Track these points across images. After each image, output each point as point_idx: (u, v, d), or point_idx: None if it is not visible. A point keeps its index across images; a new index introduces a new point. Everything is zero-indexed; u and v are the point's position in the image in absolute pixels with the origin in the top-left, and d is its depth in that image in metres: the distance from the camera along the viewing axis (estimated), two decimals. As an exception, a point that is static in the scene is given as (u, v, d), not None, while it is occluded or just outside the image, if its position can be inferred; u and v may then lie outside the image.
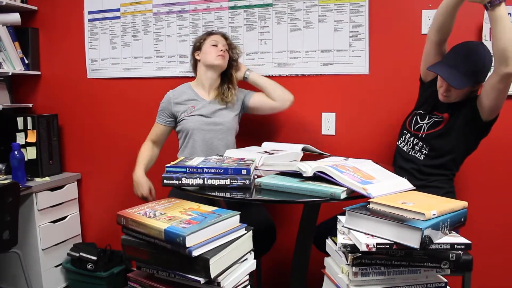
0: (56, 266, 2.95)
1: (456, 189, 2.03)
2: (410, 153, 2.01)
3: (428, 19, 2.25)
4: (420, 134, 1.99)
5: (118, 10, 2.92)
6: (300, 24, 2.52)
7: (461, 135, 1.90)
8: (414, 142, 2.00)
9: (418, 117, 2.05)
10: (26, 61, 3.08)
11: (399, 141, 2.10)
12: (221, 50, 2.34)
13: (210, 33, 2.42)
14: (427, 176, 1.96)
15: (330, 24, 2.47)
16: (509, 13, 1.70)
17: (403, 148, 2.06)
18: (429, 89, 2.03)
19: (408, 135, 2.05)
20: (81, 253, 2.86)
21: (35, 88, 3.24)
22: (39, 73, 3.18)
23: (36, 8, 3.14)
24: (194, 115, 2.33)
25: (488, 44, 2.10)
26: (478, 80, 1.82)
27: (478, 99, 1.83)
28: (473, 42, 1.91)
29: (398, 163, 2.06)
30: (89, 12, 3.01)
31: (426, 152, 1.96)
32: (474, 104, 1.84)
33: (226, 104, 2.36)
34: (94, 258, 2.82)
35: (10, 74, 2.95)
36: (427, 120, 2.00)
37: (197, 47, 2.40)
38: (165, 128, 2.42)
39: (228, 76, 2.40)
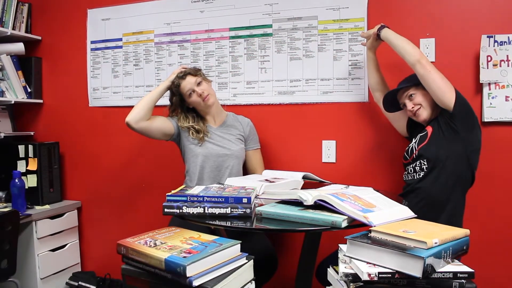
0: (55, 296, 2.91)
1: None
2: (415, 178, 2.01)
3: (426, 47, 2.29)
4: (414, 155, 2.01)
5: (120, 39, 2.97)
6: (300, 53, 2.56)
7: (450, 133, 1.92)
8: (413, 165, 2.01)
9: (407, 148, 2.10)
10: (29, 90, 3.11)
11: (404, 176, 2.10)
12: (201, 94, 2.27)
13: (177, 85, 2.31)
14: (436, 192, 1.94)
15: (330, 53, 2.50)
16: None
17: (408, 180, 2.05)
18: (413, 133, 2.15)
19: (407, 165, 2.06)
20: (80, 282, 2.83)
21: (37, 116, 3.27)
22: (41, 101, 3.22)
23: (40, 38, 3.20)
24: (204, 141, 2.31)
25: (484, 71, 2.19)
26: (417, 81, 2.00)
27: None
28: None
29: (412, 202, 1.99)
30: (92, 42, 3.06)
31: (426, 165, 1.96)
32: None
33: (232, 131, 2.39)
34: (93, 287, 2.79)
35: (13, 102, 2.98)
36: (415, 140, 2.05)
37: (182, 99, 2.34)
38: (167, 123, 2.34)
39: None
